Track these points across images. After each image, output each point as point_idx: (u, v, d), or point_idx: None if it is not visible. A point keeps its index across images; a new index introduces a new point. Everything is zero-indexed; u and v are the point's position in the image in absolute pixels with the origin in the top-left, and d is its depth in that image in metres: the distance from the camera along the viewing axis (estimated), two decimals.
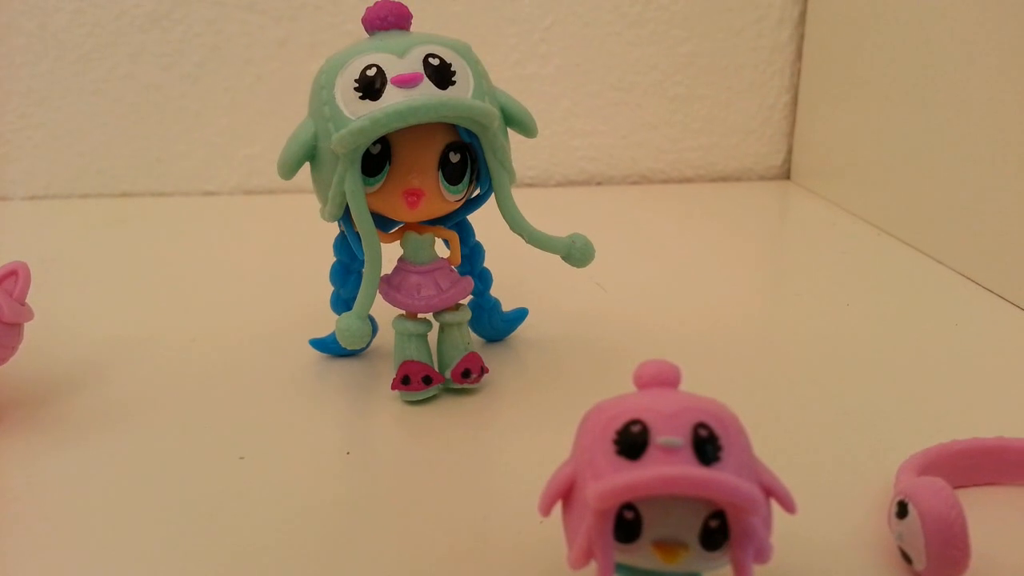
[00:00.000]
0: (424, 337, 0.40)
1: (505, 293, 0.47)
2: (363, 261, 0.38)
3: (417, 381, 0.39)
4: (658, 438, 0.23)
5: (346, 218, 0.38)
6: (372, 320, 0.43)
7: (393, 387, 0.40)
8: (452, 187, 0.38)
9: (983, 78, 0.53)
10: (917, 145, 0.59)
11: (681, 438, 0.23)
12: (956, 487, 0.32)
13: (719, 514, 0.24)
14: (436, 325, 0.41)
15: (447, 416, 0.39)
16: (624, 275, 0.56)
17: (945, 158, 0.56)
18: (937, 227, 0.57)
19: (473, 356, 0.40)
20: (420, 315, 0.40)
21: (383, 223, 0.39)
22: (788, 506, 0.25)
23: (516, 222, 0.39)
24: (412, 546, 0.31)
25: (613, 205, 0.74)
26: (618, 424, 0.24)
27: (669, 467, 0.22)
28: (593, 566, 0.24)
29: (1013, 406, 0.39)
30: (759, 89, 0.78)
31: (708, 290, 0.54)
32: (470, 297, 0.44)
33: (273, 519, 0.32)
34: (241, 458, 0.36)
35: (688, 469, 0.22)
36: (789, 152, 0.80)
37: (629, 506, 0.24)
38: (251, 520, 0.32)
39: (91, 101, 0.72)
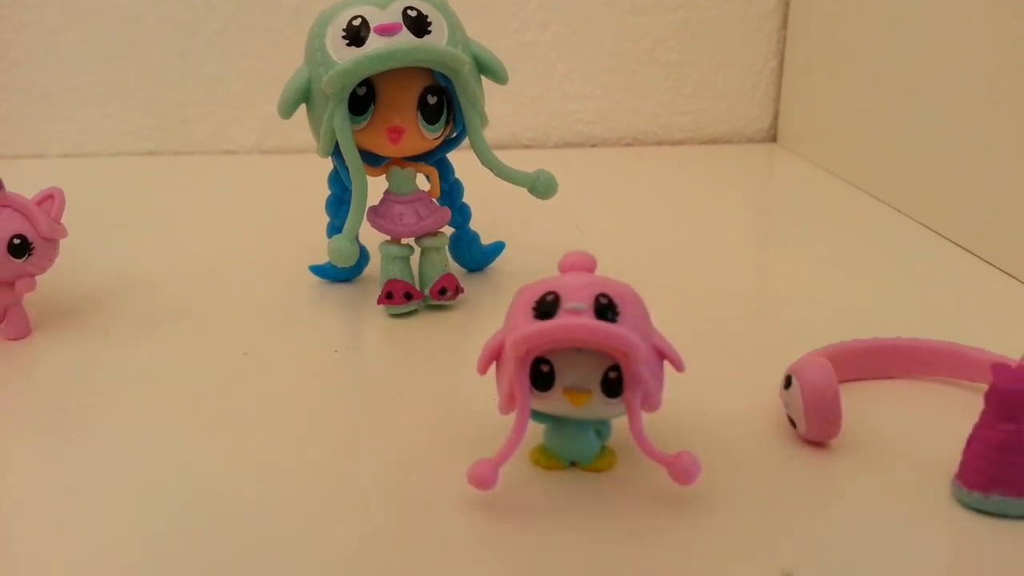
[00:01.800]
0: (407, 260, 0.46)
1: (489, 233, 0.52)
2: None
3: (399, 296, 0.45)
4: (567, 304, 0.29)
5: (337, 154, 0.44)
6: (364, 249, 0.48)
7: (379, 302, 0.45)
8: (430, 126, 0.43)
9: (967, 41, 0.55)
10: (899, 109, 0.63)
11: (585, 303, 0.29)
12: (856, 379, 0.38)
13: (618, 368, 0.29)
14: (418, 250, 0.47)
15: (426, 329, 0.45)
16: (610, 226, 0.60)
17: (926, 121, 0.59)
18: (917, 188, 0.60)
19: (449, 276, 0.46)
20: (403, 240, 0.46)
21: (371, 159, 0.45)
22: (677, 365, 0.30)
23: (486, 158, 0.44)
24: (388, 431, 0.36)
25: (607, 166, 0.78)
26: (537, 295, 0.30)
27: (569, 319, 0.28)
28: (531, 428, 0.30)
29: (934, 330, 0.44)
30: (747, 55, 0.83)
31: (685, 239, 0.58)
32: (451, 230, 0.49)
33: (268, 399, 0.38)
34: (245, 353, 0.42)
35: (583, 320, 0.28)
36: (776, 116, 0.85)
37: (544, 360, 0.29)
38: (251, 400, 0.38)
39: (120, 66, 0.79)
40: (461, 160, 0.48)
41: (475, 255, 0.50)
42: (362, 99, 0.42)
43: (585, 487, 0.32)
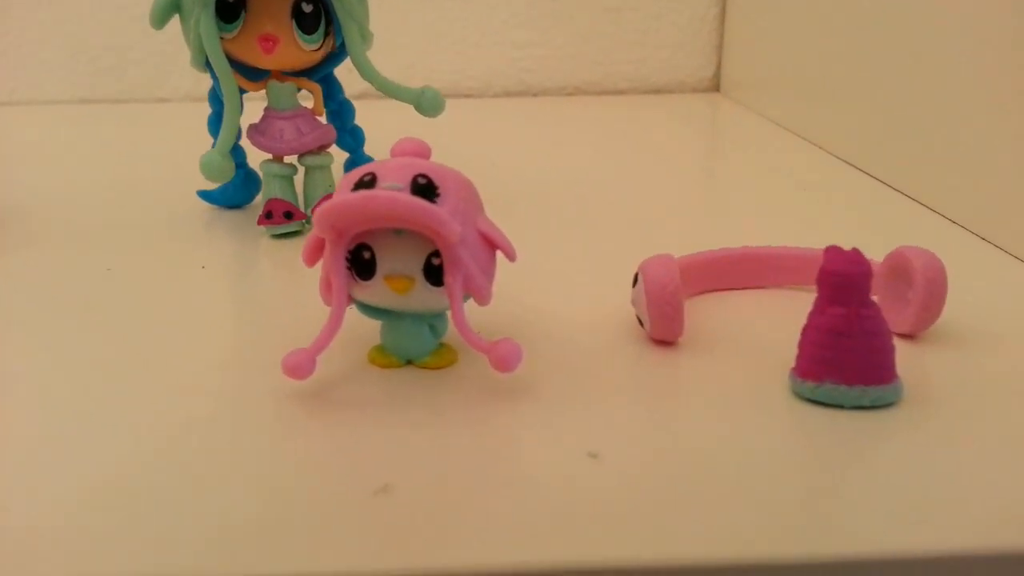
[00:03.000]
0: (288, 179, 0.45)
1: None
2: None
3: (279, 216, 0.44)
4: (382, 184, 0.28)
5: (212, 67, 0.43)
6: (254, 174, 0.47)
7: (259, 222, 0.44)
8: (307, 36, 0.42)
9: None
10: (843, 55, 0.61)
11: (401, 183, 0.28)
12: (720, 289, 0.37)
13: (440, 254, 0.28)
14: (303, 170, 0.46)
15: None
16: (548, 175, 0.57)
17: (870, 69, 0.57)
18: (862, 137, 0.58)
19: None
20: (285, 159, 0.45)
21: (249, 72, 0.44)
22: (508, 253, 0.29)
23: (366, 71, 0.43)
24: (244, 338, 0.35)
25: (550, 116, 0.77)
26: (356, 178, 0.28)
27: (375, 191, 0.27)
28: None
29: None
30: (689, 1, 0.81)
31: (623, 186, 0.56)
32: (347, 156, 0.48)
33: (122, 309, 0.37)
34: (108, 269, 0.41)
35: (388, 192, 0.27)
36: (719, 65, 0.83)
37: (366, 247, 0.28)
38: (108, 309, 0.37)
39: (51, 12, 0.77)
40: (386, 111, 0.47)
41: None
42: (232, 6, 0.41)
43: (417, 383, 0.31)
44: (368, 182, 0.28)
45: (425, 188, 0.28)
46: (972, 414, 0.29)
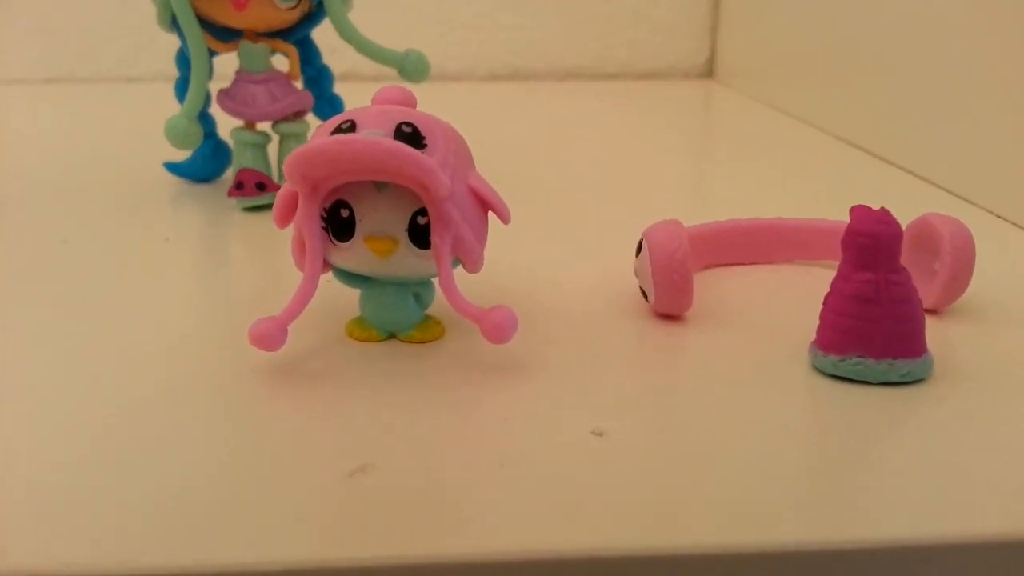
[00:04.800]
0: (261, 147, 0.42)
1: None
2: None
3: (250, 187, 0.41)
4: (363, 131, 0.25)
5: (179, 26, 0.40)
6: (225, 146, 0.44)
7: (229, 194, 0.41)
8: None
9: None
10: (839, 40, 0.59)
11: (383, 131, 0.25)
12: (729, 263, 0.34)
13: (427, 213, 0.25)
14: (276, 138, 0.43)
15: None
16: (538, 160, 0.54)
17: (868, 52, 0.55)
18: (860, 118, 0.56)
19: None
20: (258, 126, 0.42)
21: (220, 33, 0.40)
22: (501, 214, 0.26)
23: (346, 31, 0.40)
24: (209, 313, 0.33)
25: (539, 100, 0.74)
26: (334, 125, 0.26)
27: (353, 135, 0.24)
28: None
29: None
30: None
31: (614, 170, 0.53)
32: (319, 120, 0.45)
33: (83, 281, 0.34)
34: (64, 241, 0.37)
35: (369, 137, 0.24)
36: (712, 50, 0.81)
37: (343, 204, 0.25)
38: (67, 282, 0.34)
39: None
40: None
41: None
42: None
43: (401, 358, 0.28)
44: (346, 129, 0.25)
45: (410, 137, 0.25)
46: (1005, 391, 0.27)
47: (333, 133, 0.25)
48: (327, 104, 0.44)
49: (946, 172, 0.46)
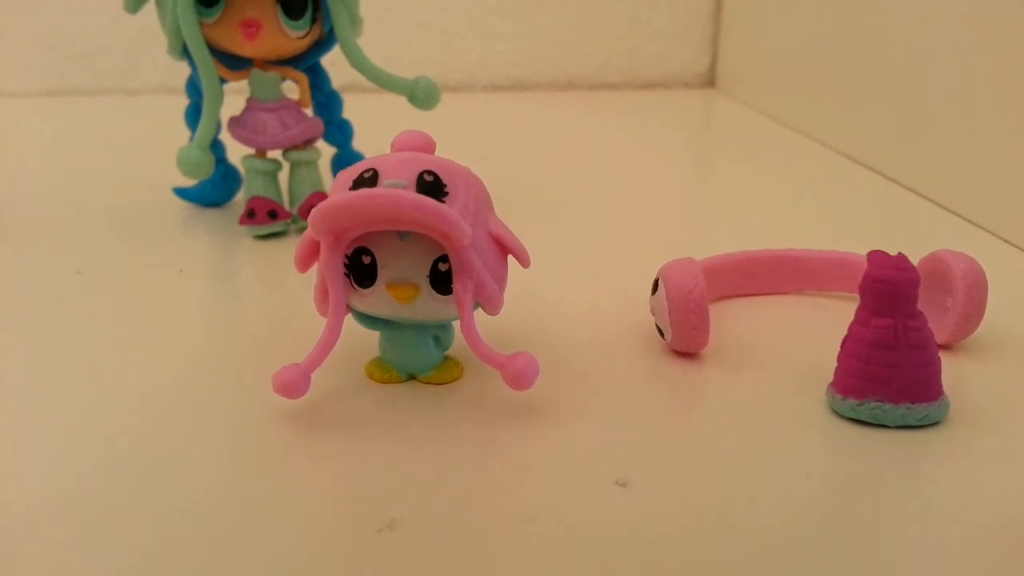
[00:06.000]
0: (272, 175, 0.42)
1: None
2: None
3: (262, 215, 0.41)
4: (384, 181, 0.25)
5: (190, 54, 0.39)
6: (235, 171, 0.44)
7: (240, 222, 0.41)
8: (292, 22, 0.39)
9: None
10: (842, 50, 0.59)
11: (405, 180, 0.25)
12: (742, 295, 0.34)
13: (449, 260, 0.25)
14: (287, 166, 0.43)
15: (291, 250, 0.41)
16: (541, 173, 0.54)
17: (870, 62, 0.56)
18: (862, 132, 0.56)
19: (321, 195, 0.42)
20: (269, 154, 0.42)
21: (230, 61, 0.41)
22: (521, 258, 0.27)
23: (357, 59, 0.40)
24: (226, 351, 0.33)
25: (538, 111, 0.74)
26: (355, 174, 0.26)
27: (377, 190, 0.24)
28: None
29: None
30: None
31: (617, 184, 0.53)
32: (334, 151, 0.45)
33: (96, 315, 0.34)
34: (78, 272, 0.37)
35: (392, 190, 0.24)
36: (714, 59, 0.81)
37: (366, 251, 0.25)
38: (81, 316, 0.34)
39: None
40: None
41: None
42: None
43: (421, 400, 0.28)
44: (369, 179, 0.25)
45: (432, 186, 0.25)
46: (1021, 429, 0.27)
47: (355, 182, 0.25)
48: (336, 129, 0.44)
49: (951, 192, 0.46)
